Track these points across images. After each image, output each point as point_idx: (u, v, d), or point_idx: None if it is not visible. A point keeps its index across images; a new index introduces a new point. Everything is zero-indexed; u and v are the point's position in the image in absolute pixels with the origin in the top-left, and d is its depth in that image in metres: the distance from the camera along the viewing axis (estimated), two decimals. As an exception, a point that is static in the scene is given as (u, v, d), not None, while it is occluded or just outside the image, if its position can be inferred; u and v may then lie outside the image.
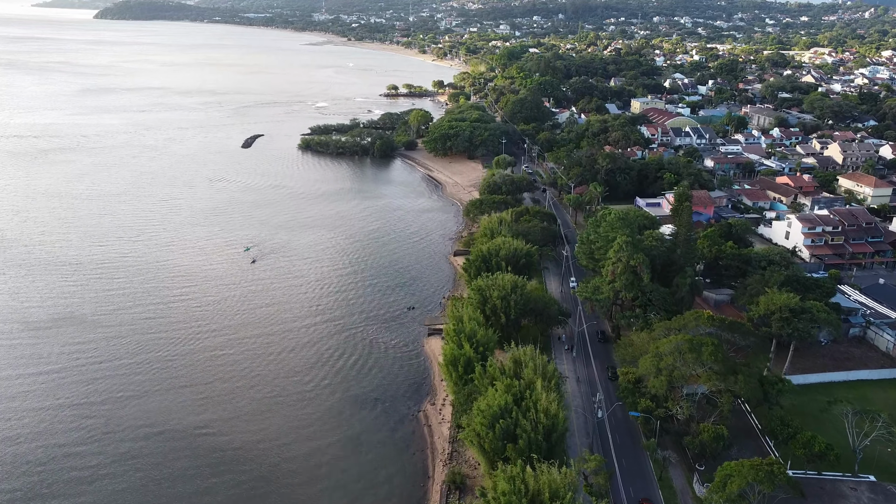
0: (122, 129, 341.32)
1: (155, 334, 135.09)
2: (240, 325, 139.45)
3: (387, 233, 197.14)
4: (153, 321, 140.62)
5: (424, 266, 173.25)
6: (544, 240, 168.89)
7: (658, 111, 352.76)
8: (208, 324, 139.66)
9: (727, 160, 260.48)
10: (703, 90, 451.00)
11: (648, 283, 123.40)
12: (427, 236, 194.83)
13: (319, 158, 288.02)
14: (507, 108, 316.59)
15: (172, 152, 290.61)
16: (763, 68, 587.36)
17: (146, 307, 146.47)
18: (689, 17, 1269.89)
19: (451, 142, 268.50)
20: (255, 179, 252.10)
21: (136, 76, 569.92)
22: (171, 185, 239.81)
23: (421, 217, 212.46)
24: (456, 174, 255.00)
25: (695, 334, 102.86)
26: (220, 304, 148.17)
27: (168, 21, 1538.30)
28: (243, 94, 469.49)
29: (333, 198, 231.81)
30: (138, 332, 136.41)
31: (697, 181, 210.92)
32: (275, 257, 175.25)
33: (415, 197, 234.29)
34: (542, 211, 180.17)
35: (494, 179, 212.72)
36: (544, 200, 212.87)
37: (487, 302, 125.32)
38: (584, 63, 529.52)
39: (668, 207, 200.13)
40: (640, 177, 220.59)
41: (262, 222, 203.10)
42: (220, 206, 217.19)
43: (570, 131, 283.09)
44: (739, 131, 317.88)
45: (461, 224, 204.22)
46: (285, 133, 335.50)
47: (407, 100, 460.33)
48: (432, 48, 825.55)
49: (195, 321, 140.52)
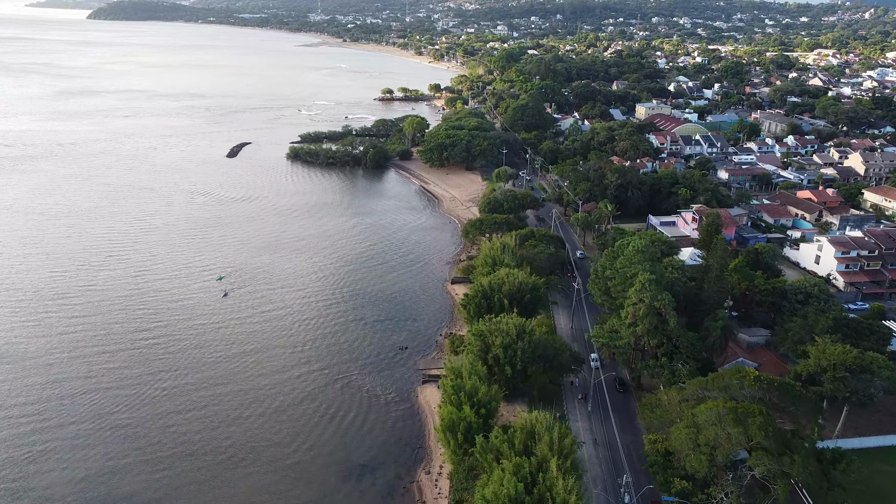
0: (100, 136, 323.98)
1: (104, 392, 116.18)
2: (205, 381, 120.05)
3: (377, 255, 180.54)
4: (104, 373, 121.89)
5: (419, 296, 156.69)
6: (551, 267, 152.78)
7: (665, 117, 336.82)
8: (170, 378, 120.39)
9: (742, 171, 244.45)
10: (709, 94, 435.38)
11: (675, 328, 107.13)
12: (422, 260, 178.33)
13: (308, 169, 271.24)
14: (508, 115, 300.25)
15: (152, 163, 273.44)
16: (768, 71, 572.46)
17: (100, 354, 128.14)
18: (687, 17, 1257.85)
19: (447, 152, 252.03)
20: (238, 192, 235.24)
21: (118, 78, 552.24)
22: (147, 200, 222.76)
23: (415, 237, 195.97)
24: (453, 187, 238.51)
25: (737, 398, 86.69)
26: (186, 353, 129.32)
27: (162, 21, 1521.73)
28: (232, 98, 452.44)
29: (321, 214, 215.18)
30: (82, 389, 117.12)
31: (715, 197, 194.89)
32: (252, 286, 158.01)
33: (409, 213, 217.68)
34: (548, 234, 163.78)
35: (495, 195, 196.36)
36: (549, 219, 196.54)
37: (490, 350, 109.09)
38: (585, 66, 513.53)
39: (685, 227, 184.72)
40: (651, 192, 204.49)
41: (241, 243, 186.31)
42: (199, 225, 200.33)
43: (574, 140, 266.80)
44: (751, 139, 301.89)
45: (459, 245, 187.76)
46: (274, 141, 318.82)
47: (402, 104, 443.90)
48: (429, 49, 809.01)
49: (154, 375, 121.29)
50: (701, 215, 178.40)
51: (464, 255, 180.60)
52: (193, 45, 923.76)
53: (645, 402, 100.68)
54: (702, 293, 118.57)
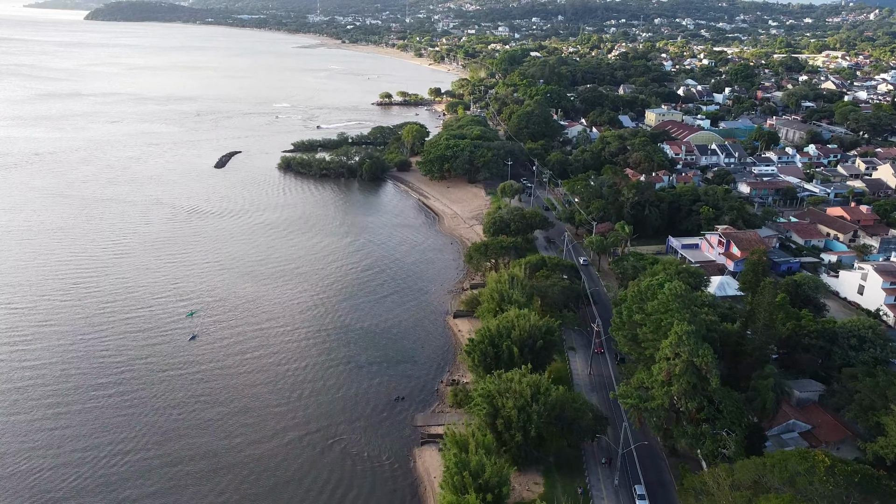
0: (81, 144, 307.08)
1: (39, 477, 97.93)
2: (165, 457, 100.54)
3: (371, 282, 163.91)
4: (44, 446, 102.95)
5: (417, 332, 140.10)
6: (566, 300, 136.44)
7: (676, 124, 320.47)
8: (125, 452, 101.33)
9: (764, 185, 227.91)
10: (720, 98, 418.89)
11: (718, 388, 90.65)
12: (420, 287, 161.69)
13: (301, 181, 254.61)
14: (512, 123, 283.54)
15: (133, 174, 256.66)
16: (777, 73, 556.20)
17: (45, 415, 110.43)
18: (690, 18, 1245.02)
19: (448, 164, 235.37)
20: (224, 208, 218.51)
21: (104, 81, 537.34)
22: (124, 218, 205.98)
23: (413, 260, 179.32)
24: (455, 202, 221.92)
25: (807, 496, 70.22)
26: (146, 417, 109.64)
27: (160, 22, 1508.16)
28: (224, 103, 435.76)
29: (312, 232, 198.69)
30: (10, 471, 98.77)
31: (741, 216, 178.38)
32: (229, 323, 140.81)
33: (406, 231, 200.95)
34: (561, 262, 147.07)
35: (501, 214, 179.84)
36: (560, 241, 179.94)
37: (500, 413, 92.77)
38: (590, 69, 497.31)
39: (710, 250, 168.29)
40: (670, 209, 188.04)
41: (223, 268, 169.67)
42: (178, 246, 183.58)
43: (583, 150, 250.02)
44: (770, 148, 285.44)
45: (462, 271, 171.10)
46: (265, 149, 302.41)
47: (401, 109, 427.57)
48: (429, 51, 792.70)
49: (105, 447, 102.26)
50: (729, 239, 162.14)
51: (467, 282, 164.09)
52: (187, 46, 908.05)
53: (687, 484, 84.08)
54: (744, 341, 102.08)
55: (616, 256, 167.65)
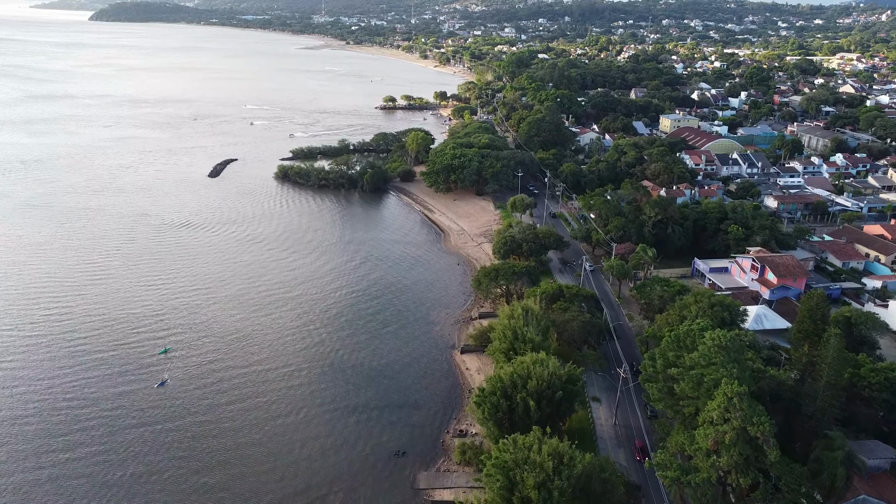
0: (69, 150, 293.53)
1: None
2: None
3: (369, 308, 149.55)
4: None
5: (420, 370, 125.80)
6: (586, 335, 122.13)
7: (693, 131, 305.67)
8: None
9: (792, 198, 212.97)
10: (736, 103, 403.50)
11: (777, 462, 76.17)
12: (424, 315, 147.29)
13: (298, 192, 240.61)
14: (522, 131, 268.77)
15: (122, 185, 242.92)
16: (792, 76, 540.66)
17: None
18: (699, 19, 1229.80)
19: (455, 175, 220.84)
20: (215, 221, 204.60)
21: (99, 83, 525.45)
22: (107, 234, 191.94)
23: (416, 281, 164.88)
24: (462, 217, 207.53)
25: None
26: (110, 489, 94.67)
27: (164, 23, 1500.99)
28: (222, 106, 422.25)
29: (308, 249, 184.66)
30: None
31: (774, 237, 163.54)
32: (208, 361, 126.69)
33: (409, 250, 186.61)
34: (580, 292, 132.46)
35: (512, 233, 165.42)
36: (577, 263, 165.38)
37: (516, 488, 78.48)
38: (600, 72, 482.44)
39: (742, 276, 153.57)
40: (695, 228, 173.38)
41: (209, 292, 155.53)
42: (161, 267, 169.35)
43: (598, 161, 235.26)
44: (793, 157, 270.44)
45: (470, 296, 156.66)
46: (262, 157, 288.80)
47: (405, 113, 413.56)
48: (434, 53, 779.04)
49: None
50: (763, 263, 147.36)
51: (475, 310, 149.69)
52: (187, 47, 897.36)
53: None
54: (801, 398, 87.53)
55: (638, 280, 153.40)
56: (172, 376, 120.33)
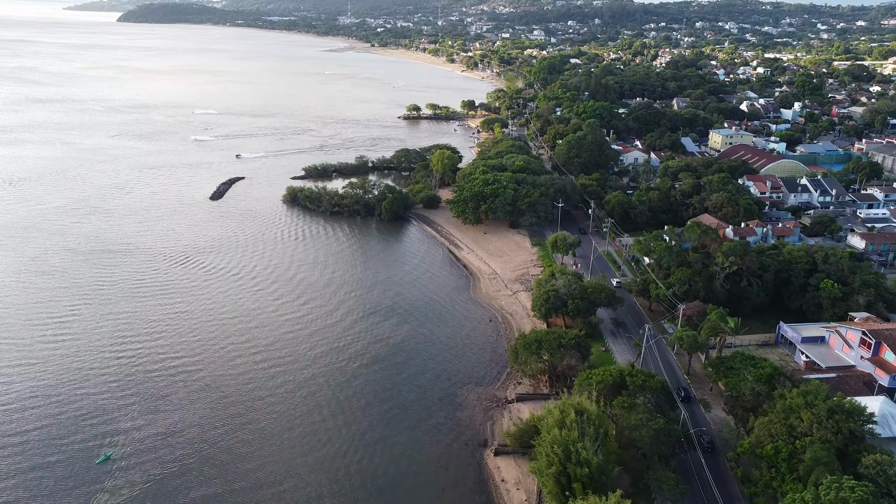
0: (64, 164, 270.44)
1: None
2: None
3: (380, 383, 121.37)
4: None
5: (442, 480, 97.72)
6: (659, 447, 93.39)
7: (748, 149, 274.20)
8: None
9: (883, 238, 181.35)
10: (789, 115, 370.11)
11: None
12: (447, 392, 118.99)
13: (308, 219, 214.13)
14: (561, 151, 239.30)
15: (111, 208, 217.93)
16: (843, 83, 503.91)
17: None
18: (734, 22, 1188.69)
19: (486, 205, 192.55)
20: (210, 260, 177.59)
21: (103, 86, 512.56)
22: (79, 277, 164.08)
23: (440, 345, 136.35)
24: (493, 255, 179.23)
25: None
26: None
27: (190, 24, 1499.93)
28: (235, 116, 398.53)
29: (309, 295, 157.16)
30: None
31: (881, 299, 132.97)
32: (164, 475, 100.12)
33: (433, 298, 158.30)
34: (647, 380, 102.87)
35: (554, 287, 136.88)
36: (632, 323, 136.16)
37: None
38: (638, 79, 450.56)
39: (846, 350, 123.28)
40: (776, 281, 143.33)
41: (182, 368, 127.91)
42: (134, 329, 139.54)
43: (648, 188, 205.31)
44: (870, 181, 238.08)
45: (504, 367, 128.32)
46: (272, 175, 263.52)
47: (430, 124, 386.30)
48: (461, 56, 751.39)
49: None
50: (879, 339, 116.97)
51: (511, 388, 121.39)
52: (204, 48, 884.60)
53: None
54: None
55: (711, 349, 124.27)
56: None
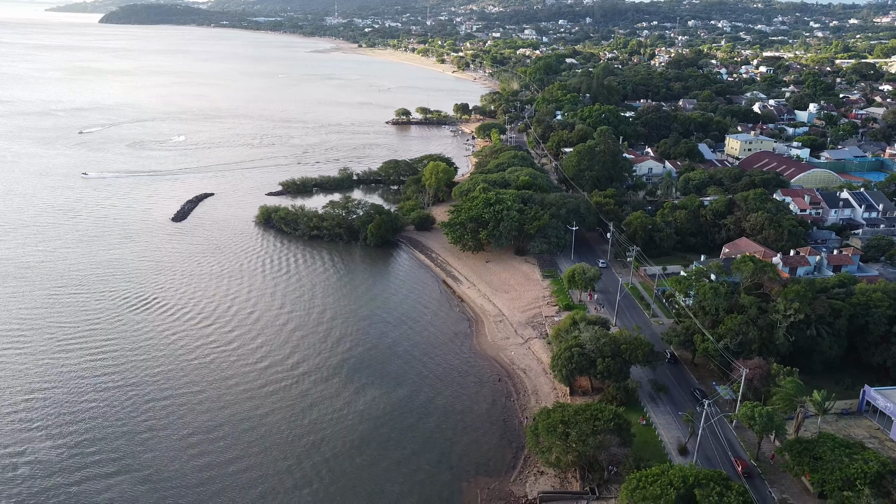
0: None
1: None
2: None
3: (365, 474, 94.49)
4: None
5: None
6: None
7: (771, 156, 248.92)
8: None
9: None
10: (804, 117, 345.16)
11: None
12: (447, 491, 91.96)
13: (284, 244, 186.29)
14: (569, 163, 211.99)
15: (52, 235, 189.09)
16: (851, 82, 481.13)
17: None
18: (726, 20, 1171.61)
19: (486, 232, 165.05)
20: (164, 302, 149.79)
21: (55, 87, 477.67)
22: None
23: (438, 420, 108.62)
24: (498, 291, 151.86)
25: None
26: None
27: (174, 25, 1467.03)
28: (211, 121, 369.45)
29: (278, 355, 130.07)
30: None
31: None
32: None
33: (427, 351, 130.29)
34: (713, 483, 75.85)
35: (579, 341, 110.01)
36: (676, 392, 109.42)
37: None
38: (641, 80, 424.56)
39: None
40: (850, 331, 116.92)
41: (117, 466, 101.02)
42: (52, 412, 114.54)
43: (673, 207, 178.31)
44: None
45: (520, 451, 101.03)
46: (244, 190, 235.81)
47: (421, 129, 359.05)
48: (452, 57, 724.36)
49: None
50: None
51: (530, 482, 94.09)
52: (176, 49, 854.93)
53: None
54: None
55: (786, 426, 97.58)
56: None
